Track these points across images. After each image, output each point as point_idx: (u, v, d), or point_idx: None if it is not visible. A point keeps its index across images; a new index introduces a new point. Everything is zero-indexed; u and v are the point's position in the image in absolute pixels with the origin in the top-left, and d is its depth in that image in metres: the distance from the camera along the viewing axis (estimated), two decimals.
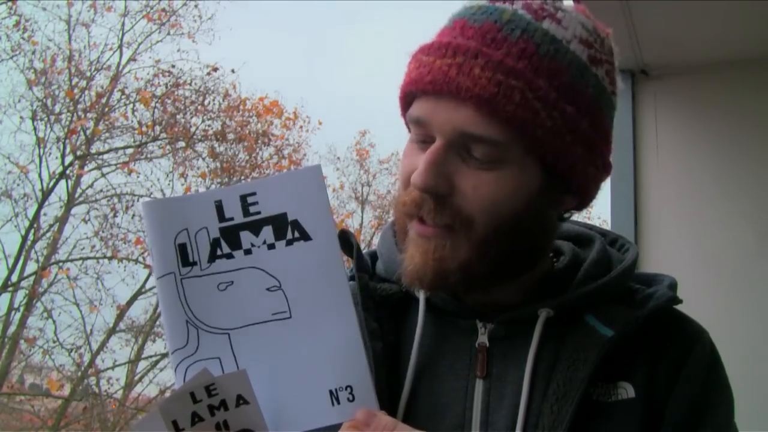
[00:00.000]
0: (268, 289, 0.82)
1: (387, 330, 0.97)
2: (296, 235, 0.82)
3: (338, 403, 0.82)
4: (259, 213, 0.81)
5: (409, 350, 0.95)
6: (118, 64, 13.53)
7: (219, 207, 0.82)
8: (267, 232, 0.81)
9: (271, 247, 0.81)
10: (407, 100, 0.94)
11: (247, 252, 0.82)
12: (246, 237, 0.82)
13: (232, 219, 0.81)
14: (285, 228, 0.82)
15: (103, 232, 12.67)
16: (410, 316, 0.99)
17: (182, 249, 0.81)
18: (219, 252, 0.82)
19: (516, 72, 0.87)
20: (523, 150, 0.88)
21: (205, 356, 0.81)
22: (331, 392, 0.82)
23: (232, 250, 0.82)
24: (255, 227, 0.82)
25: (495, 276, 0.92)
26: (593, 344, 0.90)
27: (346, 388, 0.82)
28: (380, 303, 0.99)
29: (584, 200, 0.98)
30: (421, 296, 0.98)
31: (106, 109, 13.13)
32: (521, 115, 0.86)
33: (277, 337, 0.82)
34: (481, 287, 0.94)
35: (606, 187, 1.03)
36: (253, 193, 0.81)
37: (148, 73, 13.45)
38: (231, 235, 0.82)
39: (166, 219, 0.81)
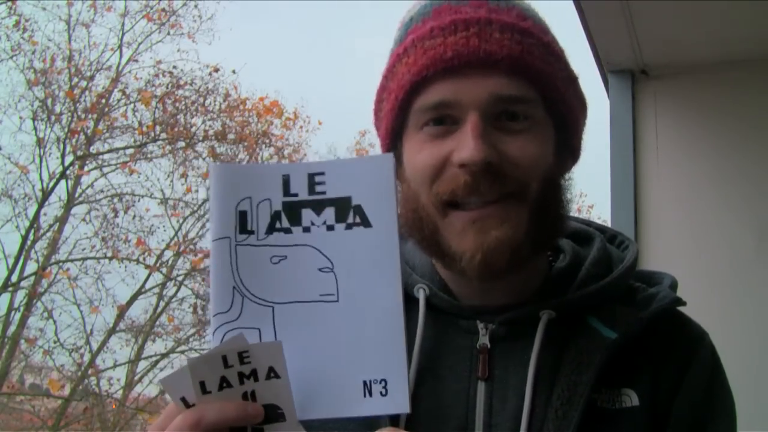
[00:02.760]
0: (320, 270, 0.81)
1: None
2: (357, 220, 0.81)
3: (370, 395, 0.80)
4: (324, 193, 0.81)
5: (410, 351, 0.94)
6: (118, 64, 13.54)
7: (286, 181, 0.81)
8: (329, 213, 0.81)
9: (330, 228, 0.81)
10: (412, 91, 0.92)
11: (306, 230, 0.81)
12: (307, 214, 0.81)
13: (296, 195, 0.81)
14: (347, 211, 0.81)
15: (103, 232, 12.67)
16: (410, 317, 0.97)
17: (242, 216, 0.81)
18: (278, 225, 0.82)
19: (527, 31, 0.91)
20: (544, 107, 0.92)
21: (245, 325, 0.80)
22: (365, 383, 0.80)
23: (291, 225, 0.82)
24: (318, 206, 0.81)
25: (538, 247, 0.93)
26: (597, 347, 0.89)
27: (380, 381, 0.80)
28: None
29: (574, 163, 1.00)
30: (421, 296, 0.97)
31: (107, 109, 13.13)
32: (545, 69, 0.91)
33: (320, 318, 0.81)
34: (527, 260, 0.92)
35: (606, 187, 1.03)
36: (322, 173, 0.81)
37: (148, 74, 13.46)
38: (293, 211, 0.81)
39: (232, 184, 0.81)
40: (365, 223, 0.81)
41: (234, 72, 13.60)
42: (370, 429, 0.89)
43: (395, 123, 0.95)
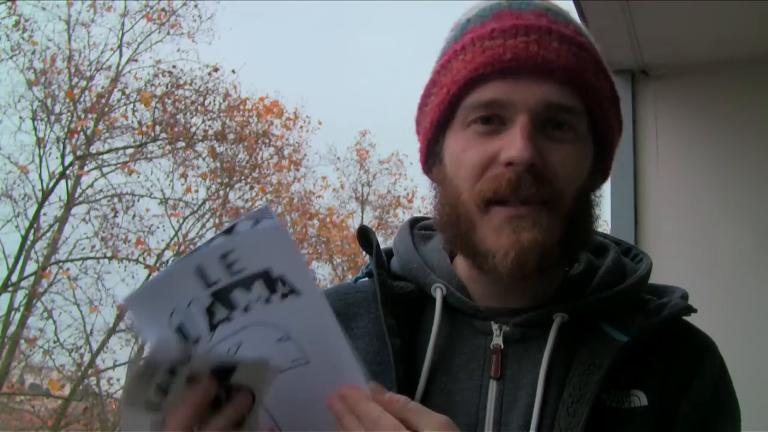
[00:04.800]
0: (279, 340, 0.80)
1: (403, 327, 0.97)
2: (287, 289, 0.78)
3: None
4: (244, 269, 0.77)
5: (424, 348, 0.95)
6: (118, 64, 13.56)
7: (201, 273, 0.76)
8: (259, 287, 0.77)
9: (268, 301, 0.78)
10: (465, 87, 0.93)
11: (246, 309, 0.78)
12: (240, 296, 0.77)
13: (218, 281, 0.77)
14: (275, 282, 0.78)
15: (103, 232, 12.70)
16: (426, 315, 0.99)
17: (180, 330, 0.78)
18: (217, 318, 0.79)
19: (584, 45, 0.94)
20: (588, 122, 0.94)
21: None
22: None
23: (230, 312, 0.78)
24: (245, 284, 0.77)
25: (565, 256, 0.94)
26: (608, 349, 0.90)
27: None
28: (397, 301, 0.99)
29: (604, 181, 1.03)
30: (438, 295, 0.98)
31: (106, 109, 13.15)
32: (597, 84, 0.94)
33: (299, 382, 0.81)
34: (555, 267, 0.95)
35: (606, 187, 1.03)
36: (231, 251, 0.76)
37: (148, 73, 13.48)
38: (223, 298, 0.77)
39: (152, 307, 0.77)
40: (294, 291, 0.78)
41: (234, 72, 13.63)
42: None
43: (442, 117, 0.96)
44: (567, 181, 0.91)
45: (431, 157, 1.00)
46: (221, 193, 13.72)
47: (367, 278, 1.07)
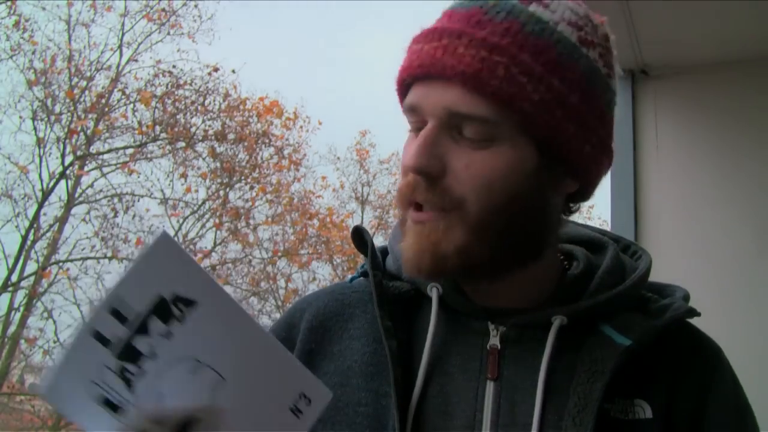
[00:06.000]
0: (192, 373, 0.77)
1: (400, 328, 0.96)
2: (182, 308, 0.74)
3: (301, 413, 0.82)
4: (136, 314, 0.72)
5: (420, 349, 0.94)
6: (118, 64, 13.55)
7: (100, 337, 0.72)
8: (155, 325, 0.73)
9: (168, 335, 0.74)
10: (403, 91, 0.95)
11: (152, 356, 0.74)
12: (141, 343, 0.73)
13: (118, 338, 0.72)
14: (168, 310, 0.74)
15: (103, 232, 12.67)
16: (422, 314, 0.99)
17: (106, 403, 0.74)
18: (132, 376, 0.74)
19: (499, 48, 0.87)
20: (515, 127, 0.88)
21: None
22: (291, 409, 0.82)
23: (140, 366, 0.74)
24: (141, 330, 0.73)
25: (496, 263, 0.91)
26: (610, 354, 0.89)
27: (300, 397, 0.82)
28: (393, 301, 0.98)
29: (587, 185, 0.97)
30: (434, 295, 0.97)
31: (106, 109, 13.14)
32: (507, 89, 0.86)
33: (227, 401, 0.78)
34: (483, 275, 0.92)
35: (606, 187, 1.03)
36: (117, 298, 0.72)
37: (148, 74, 13.47)
38: (129, 354, 0.73)
39: (72, 391, 0.73)
40: (189, 303, 0.75)
41: (234, 72, 13.63)
42: (378, 422, 0.90)
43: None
44: (471, 187, 0.87)
45: None
46: (221, 193, 13.72)
47: (362, 278, 1.06)
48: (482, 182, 0.87)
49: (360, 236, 1.05)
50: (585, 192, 0.98)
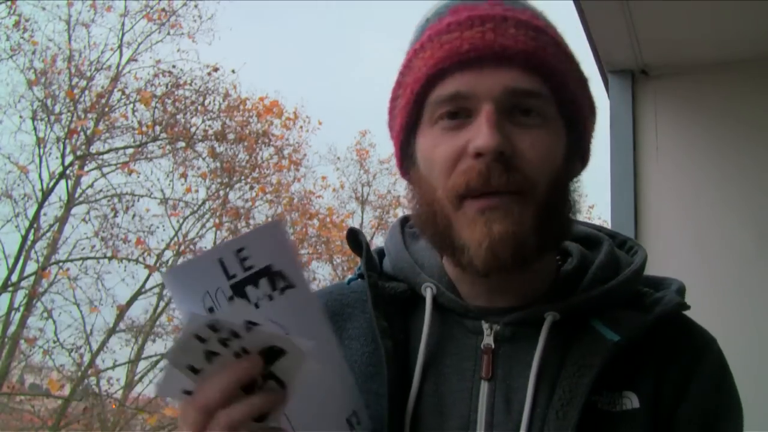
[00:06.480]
0: None
1: (396, 328, 0.96)
2: (284, 284, 0.83)
3: (353, 428, 0.86)
4: (252, 267, 0.82)
5: (416, 349, 0.95)
6: (118, 64, 13.55)
7: (223, 265, 0.81)
8: (264, 284, 0.82)
9: (271, 298, 0.82)
10: (428, 84, 0.93)
11: (256, 306, 0.82)
12: (251, 292, 0.82)
13: (235, 276, 0.81)
14: (275, 278, 0.82)
15: (103, 232, 12.68)
16: (417, 315, 0.99)
17: (211, 311, 0.81)
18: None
19: (542, 29, 0.93)
20: (556, 105, 0.93)
21: None
22: (348, 421, 0.86)
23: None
24: (254, 281, 0.82)
25: (540, 248, 0.91)
26: (599, 349, 0.89)
27: (353, 414, 0.86)
28: (389, 301, 0.98)
29: (583, 167, 1.01)
30: (428, 295, 0.98)
31: (106, 109, 13.14)
32: (558, 67, 0.92)
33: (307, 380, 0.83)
34: (527, 263, 0.91)
35: (606, 187, 1.03)
36: (243, 248, 0.82)
37: (148, 73, 13.46)
38: (240, 292, 0.82)
39: (189, 285, 0.81)
40: (290, 285, 0.83)
41: (234, 72, 13.62)
42: (378, 422, 0.90)
43: (410, 118, 0.96)
44: (539, 167, 0.89)
45: (406, 160, 0.99)
46: (221, 193, 13.71)
47: (360, 279, 1.06)
48: (547, 161, 0.90)
49: (355, 238, 1.05)
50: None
